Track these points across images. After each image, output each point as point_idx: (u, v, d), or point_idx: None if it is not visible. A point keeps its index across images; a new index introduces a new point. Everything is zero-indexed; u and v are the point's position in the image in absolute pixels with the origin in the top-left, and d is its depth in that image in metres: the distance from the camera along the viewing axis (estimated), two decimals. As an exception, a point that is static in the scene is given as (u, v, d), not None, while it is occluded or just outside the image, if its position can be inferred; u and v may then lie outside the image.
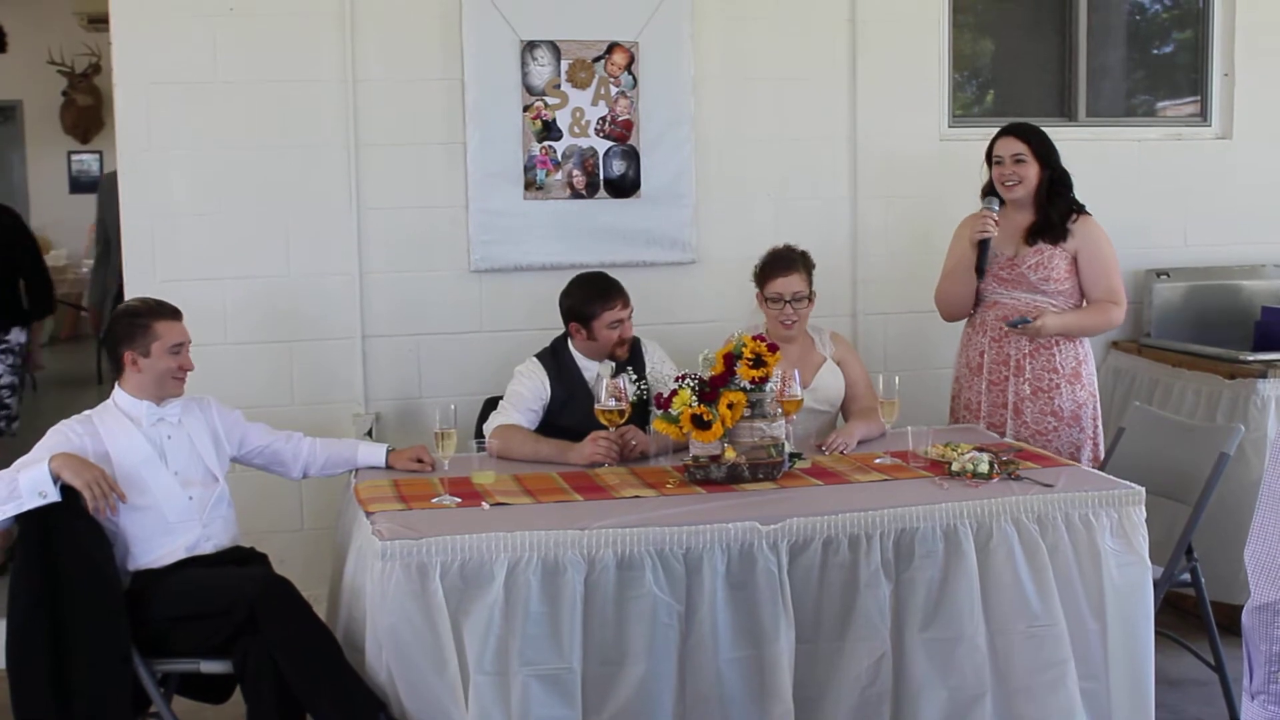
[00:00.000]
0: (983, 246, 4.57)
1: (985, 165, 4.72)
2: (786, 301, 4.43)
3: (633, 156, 5.21)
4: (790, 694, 3.43)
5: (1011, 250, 4.63)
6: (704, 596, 3.41)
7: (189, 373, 3.86)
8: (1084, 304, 4.61)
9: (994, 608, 3.58)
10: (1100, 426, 4.68)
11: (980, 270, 4.59)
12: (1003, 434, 4.56)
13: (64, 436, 3.69)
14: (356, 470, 4.06)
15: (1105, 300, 4.57)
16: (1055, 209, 4.59)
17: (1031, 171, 4.58)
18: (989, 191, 4.71)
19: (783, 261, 4.48)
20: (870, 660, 3.51)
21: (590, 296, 4.33)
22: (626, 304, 4.34)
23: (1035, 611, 3.58)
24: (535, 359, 4.40)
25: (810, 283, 4.50)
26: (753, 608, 3.43)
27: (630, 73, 5.17)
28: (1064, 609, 3.61)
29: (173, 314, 3.85)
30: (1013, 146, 4.59)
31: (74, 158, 13.05)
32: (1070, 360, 4.60)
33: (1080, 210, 4.63)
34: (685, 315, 5.21)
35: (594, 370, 4.30)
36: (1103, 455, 4.60)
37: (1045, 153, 4.60)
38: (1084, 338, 4.64)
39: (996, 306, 4.65)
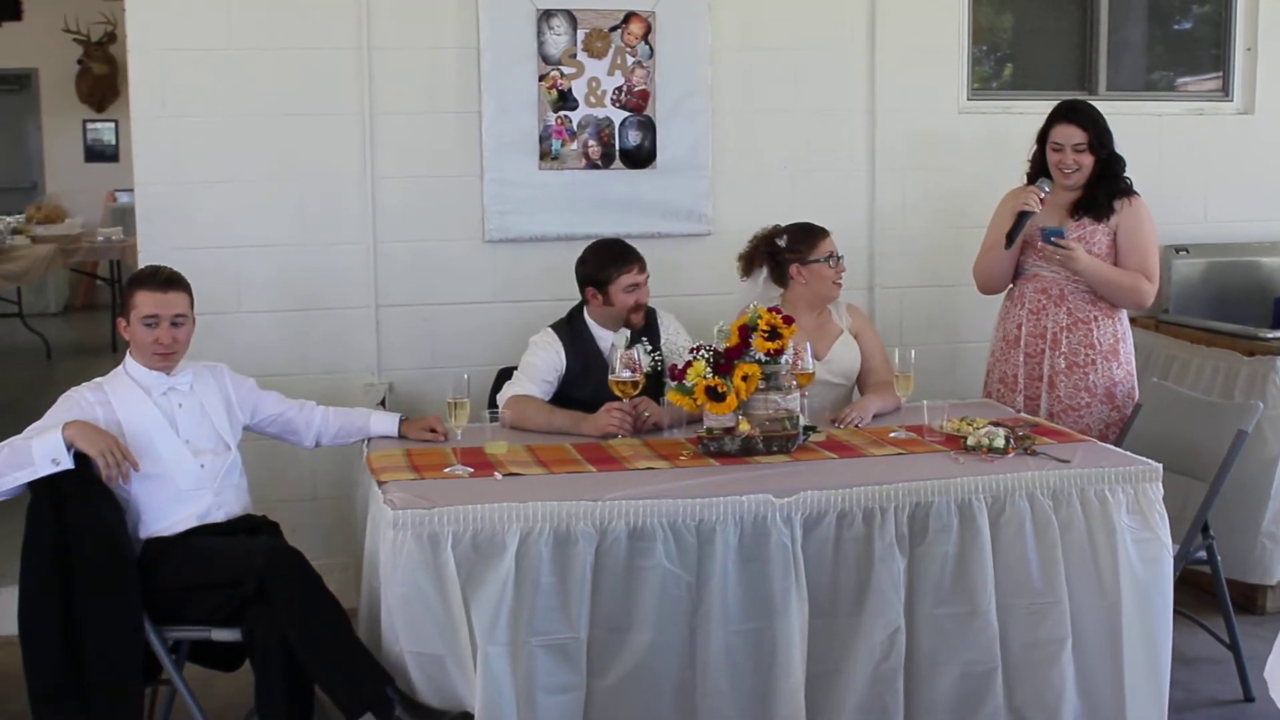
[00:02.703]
0: (1021, 218, 4.52)
1: (1035, 144, 4.66)
2: (840, 258, 4.44)
3: (649, 127, 5.17)
4: (801, 668, 3.42)
5: (1055, 224, 4.58)
6: (715, 569, 3.39)
7: (174, 346, 3.74)
8: None
9: (1002, 582, 3.56)
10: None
11: (1011, 240, 4.54)
12: (1038, 408, 4.54)
13: (75, 403, 3.67)
14: (369, 439, 4.04)
15: (1138, 272, 4.52)
16: (1103, 189, 4.54)
17: (1089, 160, 4.52)
18: (1038, 168, 4.64)
19: (820, 228, 4.49)
20: (884, 635, 3.49)
21: (606, 261, 4.32)
22: (643, 268, 4.32)
23: (1038, 588, 3.57)
24: (551, 329, 4.38)
25: None
26: (765, 581, 3.42)
27: (647, 42, 5.13)
28: (1079, 586, 3.59)
29: (162, 284, 3.74)
30: (1074, 136, 4.51)
31: (89, 126, 13.05)
32: (1108, 337, 4.57)
33: (1130, 192, 4.58)
34: (700, 287, 5.17)
35: (610, 341, 4.28)
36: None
37: (1103, 138, 4.53)
38: (1114, 304, 4.56)
39: (1036, 279, 4.62)
